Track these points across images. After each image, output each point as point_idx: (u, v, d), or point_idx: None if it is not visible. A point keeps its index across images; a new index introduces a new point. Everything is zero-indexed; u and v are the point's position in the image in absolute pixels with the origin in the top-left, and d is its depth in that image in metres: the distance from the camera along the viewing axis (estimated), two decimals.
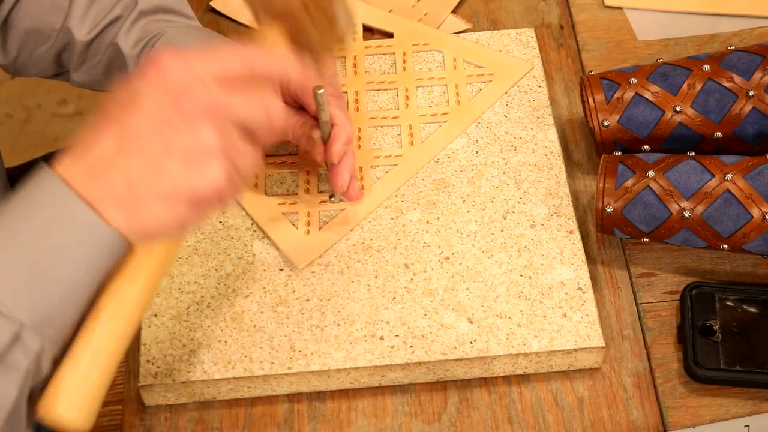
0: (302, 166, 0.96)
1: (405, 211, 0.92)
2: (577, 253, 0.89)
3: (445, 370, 0.85)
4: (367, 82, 1.02)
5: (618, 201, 0.86)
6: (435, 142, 0.96)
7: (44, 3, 0.95)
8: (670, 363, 0.86)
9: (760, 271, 0.90)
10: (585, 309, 0.86)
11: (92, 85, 1.00)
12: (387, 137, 0.98)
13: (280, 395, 0.86)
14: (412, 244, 0.90)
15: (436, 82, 1.01)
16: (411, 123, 0.98)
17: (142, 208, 0.64)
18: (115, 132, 0.64)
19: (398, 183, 0.94)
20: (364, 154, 0.96)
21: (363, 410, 0.85)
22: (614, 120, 0.92)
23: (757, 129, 0.91)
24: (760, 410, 0.83)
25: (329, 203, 0.93)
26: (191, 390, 0.84)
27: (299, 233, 0.91)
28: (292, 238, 0.91)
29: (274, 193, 0.94)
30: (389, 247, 0.90)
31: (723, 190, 0.84)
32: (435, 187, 0.93)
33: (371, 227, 0.91)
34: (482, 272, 0.88)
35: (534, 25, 1.09)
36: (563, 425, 0.83)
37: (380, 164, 0.95)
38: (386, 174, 0.95)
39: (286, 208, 0.93)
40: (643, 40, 1.07)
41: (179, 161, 0.64)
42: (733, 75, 0.91)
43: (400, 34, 1.06)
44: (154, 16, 0.95)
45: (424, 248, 0.89)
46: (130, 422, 0.85)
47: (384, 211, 0.92)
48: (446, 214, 0.92)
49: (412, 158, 0.96)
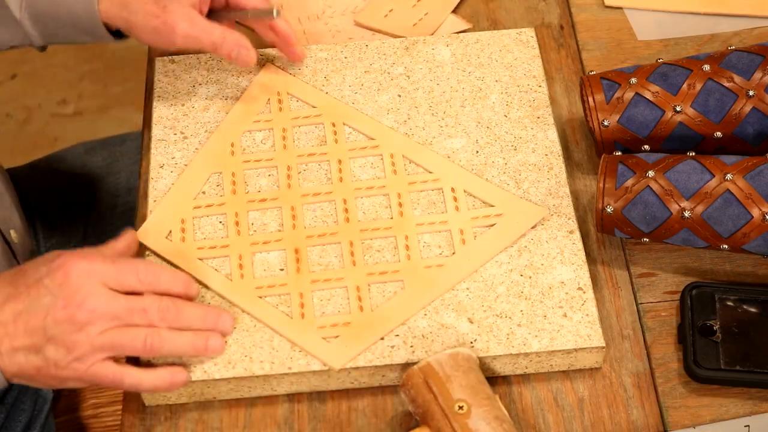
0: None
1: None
2: (577, 253, 0.89)
3: None
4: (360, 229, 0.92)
5: (618, 201, 0.86)
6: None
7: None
8: (670, 363, 0.86)
9: (760, 271, 0.90)
10: (585, 309, 0.86)
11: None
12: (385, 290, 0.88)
13: (280, 395, 0.86)
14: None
15: (437, 226, 0.91)
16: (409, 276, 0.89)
17: (20, 371, 0.79)
18: (13, 306, 0.79)
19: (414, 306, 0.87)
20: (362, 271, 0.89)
21: (363, 410, 0.85)
22: (614, 120, 0.92)
23: (757, 129, 0.91)
24: (760, 410, 0.83)
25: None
26: (191, 390, 0.84)
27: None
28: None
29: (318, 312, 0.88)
30: (389, 246, 0.90)
31: (723, 190, 0.84)
32: (435, 186, 0.93)
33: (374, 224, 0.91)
34: (482, 272, 0.88)
35: (534, 25, 1.09)
36: (563, 425, 0.83)
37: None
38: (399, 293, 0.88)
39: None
40: (643, 40, 1.07)
41: (55, 346, 0.78)
42: (733, 75, 0.91)
43: (386, 144, 0.96)
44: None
45: (424, 248, 0.89)
46: (130, 422, 0.85)
47: (384, 212, 0.92)
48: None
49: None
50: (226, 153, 0.96)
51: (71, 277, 0.78)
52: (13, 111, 2.15)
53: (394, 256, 0.89)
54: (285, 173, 0.94)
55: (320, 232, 0.91)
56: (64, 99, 2.14)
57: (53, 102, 2.15)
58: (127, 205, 1.20)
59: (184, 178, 0.94)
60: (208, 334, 0.82)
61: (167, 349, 0.80)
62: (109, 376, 0.80)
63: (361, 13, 1.11)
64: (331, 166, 0.95)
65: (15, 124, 2.13)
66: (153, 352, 0.80)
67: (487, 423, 0.77)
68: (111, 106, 2.14)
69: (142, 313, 0.79)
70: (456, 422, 0.77)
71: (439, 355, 0.80)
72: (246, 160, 0.95)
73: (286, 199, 0.93)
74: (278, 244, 0.90)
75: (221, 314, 0.84)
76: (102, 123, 2.12)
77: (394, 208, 0.92)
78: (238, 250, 0.90)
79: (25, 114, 2.15)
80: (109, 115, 2.13)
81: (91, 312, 0.78)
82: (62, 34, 1.00)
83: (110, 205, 1.21)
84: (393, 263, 0.89)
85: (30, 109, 2.15)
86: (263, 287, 0.88)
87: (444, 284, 0.87)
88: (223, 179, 0.94)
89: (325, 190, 0.93)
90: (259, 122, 0.98)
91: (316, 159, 0.95)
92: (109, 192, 1.21)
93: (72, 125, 2.12)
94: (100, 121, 2.13)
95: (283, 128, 0.98)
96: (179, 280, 0.83)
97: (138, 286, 0.81)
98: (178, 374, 0.82)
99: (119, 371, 0.80)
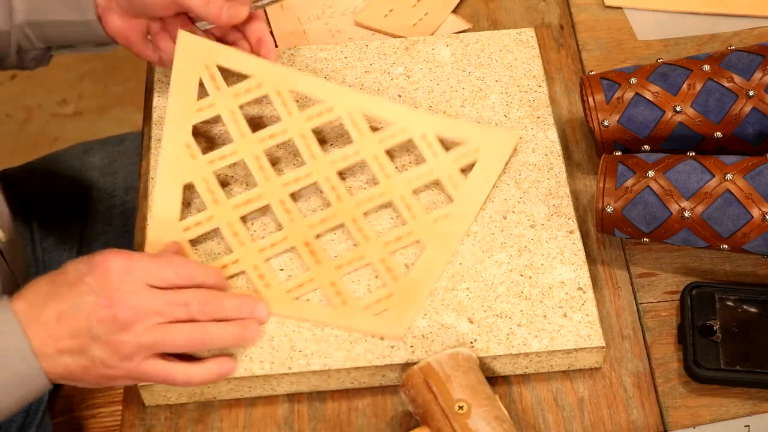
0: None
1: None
2: (577, 253, 0.89)
3: None
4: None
5: (618, 201, 0.86)
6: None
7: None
8: (670, 363, 0.86)
9: (760, 271, 0.90)
10: (585, 309, 0.86)
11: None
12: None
13: (280, 395, 0.86)
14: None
15: (425, 178, 0.92)
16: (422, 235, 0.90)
17: (66, 373, 0.79)
18: (56, 306, 0.78)
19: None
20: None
21: (363, 410, 0.85)
22: (614, 120, 0.92)
23: (757, 129, 0.91)
24: (760, 410, 0.83)
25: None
26: (191, 390, 0.84)
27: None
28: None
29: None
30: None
31: (723, 190, 0.84)
32: (390, 216, 0.93)
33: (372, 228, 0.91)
34: (482, 272, 0.88)
35: (534, 25, 1.09)
36: (563, 425, 0.83)
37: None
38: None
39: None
40: (643, 40, 1.07)
41: (101, 345, 0.78)
42: (733, 75, 0.91)
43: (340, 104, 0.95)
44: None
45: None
46: (130, 422, 0.85)
47: (384, 212, 0.92)
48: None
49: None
50: (186, 158, 0.92)
51: (112, 275, 0.78)
52: (13, 111, 2.15)
53: (400, 220, 0.90)
54: (256, 165, 0.92)
55: (320, 218, 0.90)
56: (64, 99, 2.14)
57: (53, 102, 2.15)
58: (125, 206, 1.20)
59: (158, 200, 0.90)
60: (247, 323, 0.82)
61: (210, 341, 0.80)
62: (158, 373, 0.80)
63: (361, 13, 1.11)
64: (298, 144, 0.93)
65: (15, 124, 2.13)
66: (197, 346, 0.80)
67: (487, 423, 0.77)
68: (111, 106, 2.14)
69: (184, 307, 0.80)
70: (456, 422, 0.77)
71: (439, 355, 0.80)
72: (211, 161, 0.92)
73: (271, 194, 0.91)
74: (286, 242, 0.89)
75: (257, 303, 0.84)
76: (102, 123, 2.12)
77: (377, 173, 0.92)
78: (251, 261, 0.88)
79: (25, 114, 2.15)
80: (109, 115, 2.13)
81: (134, 310, 0.78)
82: (47, 6, 0.98)
83: (108, 205, 1.20)
84: (403, 227, 0.90)
85: (30, 109, 2.15)
86: (293, 289, 0.87)
87: (459, 231, 0.89)
88: (199, 190, 0.91)
89: (304, 173, 0.92)
90: (203, 110, 0.93)
91: (278, 139, 0.93)
92: (108, 192, 1.21)
93: (72, 125, 2.12)
94: (100, 121, 2.13)
95: (230, 111, 0.93)
96: (211, 272, 0.83)
97: (176, 280, 0.81)
98: (225, 364, 0.82)
99: (168, 367, 0.80)
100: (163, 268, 0.81)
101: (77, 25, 0.98)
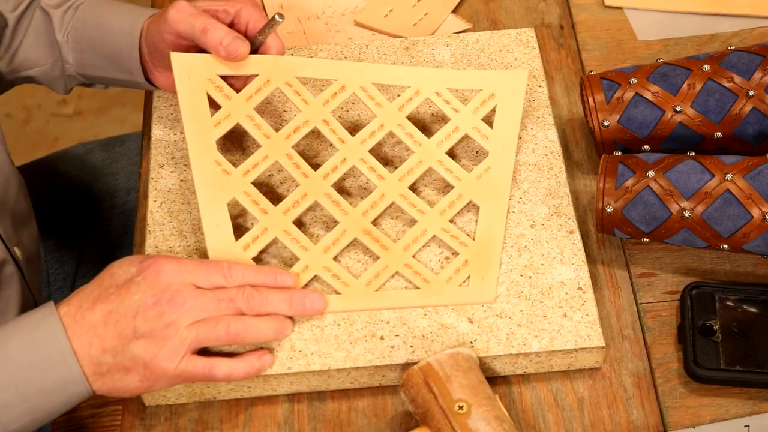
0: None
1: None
2: (577, 253, 0.89)
3: None
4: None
5: (618, 201, 0.86)
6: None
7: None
8: (670, 363, 0.86)
9: (760, 271, 0.90)
10: (585, 309, 0.86)
11: (13, 71, 1.02)
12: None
13: (280, 395, 0.86)
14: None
15: (454, 136, 0.92)
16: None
17: (108, 375, 0.79)
18: (104, 306, 0.79)
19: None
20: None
21: (363, 410, 0.85)
22: (614, 120, 0.92)
23: (757, 129, 0.91)
24: (760, 410, 0.83)
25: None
26: (191, 390, 0.84)
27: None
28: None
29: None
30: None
31: (723, 190, 0.84)
32: (435, 186, 0.93)
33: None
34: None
35: (534, 25, 1.09)
36: (563, 425, 0.83)
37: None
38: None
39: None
40: (643, 40, 1.07)
41: (144, 342, 0.78)
42: (733, 75, 0.91)
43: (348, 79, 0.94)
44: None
45: (424, 248, 0.89)
46: (130, 422, 0.85)
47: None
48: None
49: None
50: (220, 176, 0.89)
51: (162, 276, 0.79)
52: (13, 111, 2.15)
53: (446, 186, 0.91)
54: (290, 164, 0.90)
55: (370, 203, 0.89)
56: (64, 99, 2.14)
57: (53, 102, 2.15)
58: (126, 206, 1.20)
59: (208, 227, 0.87)
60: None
61: (251, 336, 0.81)
62: (199, 370, 0.80)
63: (361, 13, 1.11)
64: (323, 131, 0.92)
65: (15, 124, 2.13)
66: (237, 340, 0.80)
67: (487, 423, 0.77)
68: (111, 106, 2.14)
69: (229, 303, 0.80)
70: (456, 422, 0.77)
71: (439, 355, 0.80)
72: (245, 171, 0.89)
73: (315, 190, 0.89)
74: (346, 236, 0.88)
75: (308, 294, 0.83)
76: (102, 123, 2.12)
77: (408, 142, 0.92)
78: (320, 263, 0.87)
79: (25, 114, 2.15)
80: (109, 115, 2.13)
81: (180, 308, 0.78)
82: (98, 64, 0.99)
83: (109, 205, 1.21)
84: (453, 191, 0.90)
85: (30, 109, 2.15)
86: (372, 280, 0.87)
87: (504, 180, 0.91)
88: (244, 204, 0.88)
89: (338, 161, 0.91)
90: (220, 123, 0.91)
91: (303, 131, 0.91)
92: (108, 192, 1.21)
93: (72, 125, 2.12)
94: (100, 121, 2.13)
95: (248, 115, 0.91)
96: (265, 272, 0.83)
97: (225, 283, 0.81)
98: (264, 357, 0.82)
99: (209, 364, 0.80)
100: (212, 271, 0.81)
101: (127, 82, 1.01)
